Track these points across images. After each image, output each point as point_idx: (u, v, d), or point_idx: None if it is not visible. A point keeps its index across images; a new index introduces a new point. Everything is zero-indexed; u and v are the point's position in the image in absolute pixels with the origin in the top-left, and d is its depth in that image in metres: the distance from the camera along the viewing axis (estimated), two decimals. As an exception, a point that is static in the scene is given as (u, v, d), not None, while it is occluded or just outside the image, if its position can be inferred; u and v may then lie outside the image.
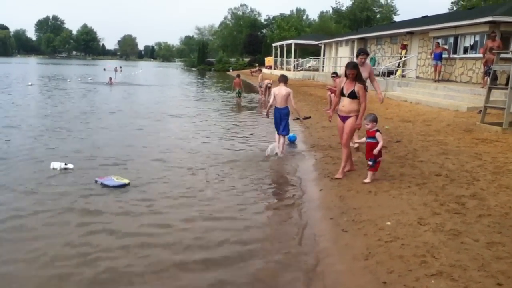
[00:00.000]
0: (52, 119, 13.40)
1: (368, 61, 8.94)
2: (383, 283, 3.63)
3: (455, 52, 20.88)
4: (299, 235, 5.01)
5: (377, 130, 6.35)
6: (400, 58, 24.79)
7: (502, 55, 13.10)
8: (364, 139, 6.53)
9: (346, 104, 6.70)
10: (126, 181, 6.75)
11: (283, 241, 4.89)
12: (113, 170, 7.48)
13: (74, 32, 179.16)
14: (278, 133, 9.02)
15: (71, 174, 7.27)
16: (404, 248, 4.15)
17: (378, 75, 23.61)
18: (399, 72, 23.67)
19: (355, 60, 8.32)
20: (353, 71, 6.55)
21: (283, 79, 9.12)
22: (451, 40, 21.24)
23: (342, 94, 6.75)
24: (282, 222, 5.50)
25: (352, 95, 6.60)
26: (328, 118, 7.51)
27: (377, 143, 6.25)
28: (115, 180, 6.75)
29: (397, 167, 7.12)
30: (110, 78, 30.92)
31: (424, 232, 4.47)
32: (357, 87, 6.56)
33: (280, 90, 8.89)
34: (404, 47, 25.20)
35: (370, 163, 6.34)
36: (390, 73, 22.99)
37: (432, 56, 20.10)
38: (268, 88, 21.02)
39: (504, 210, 4.97)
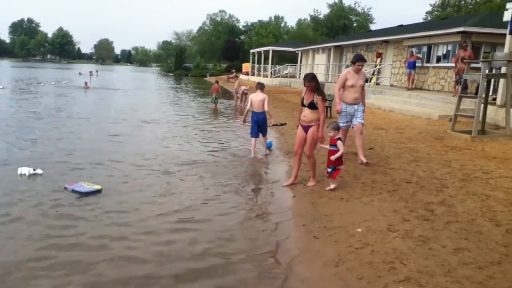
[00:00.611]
0: (21, 123, 13.11)
1: (344, 69, 9.11)
2: (352, 290, 3.67)
3: (428, 61, 21.35)
4: (270, 242, 5.01)
5: (339, 139, 6.47)
6: (375, 66, 25.18)
7: (473, 65, 13.44)
8: (327, 146, 6.60)
9: (306, 114, 6.80)
10: (98, 187, 6.64)
11: (254, 248, 4.88)
12: (84, 176, 7.37)
13: (50, 35, 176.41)
14: (253, 136, 9.58)
15: (40, 179, 7.13)
16: (373, 255, 4.20)
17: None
18: (373, 80, 24.03)
19: (351, 67, 8.18)
20: (311, 84, 6.65)
21: (260, 86, 9.81)
22: (425, 49, 21.71)
23: (302, 104, 6.85)
24: (254, 228, 5.49)
25: (312, 106, 6.70)
26: (296, 127, 7.56)
27: (338, 151, 6.37)
28: (86, 186, 6.63)
29: (369, 174, 7.21)
30: (86, 83, 30.46)
31: (393, 238, 4.54)
32: (316, 98, 6.65)
33: (257, 96, 9.57)
34: (379, 55, 25.62)
35: (329, 170, 6.44)
36: (365, 81, 23.31)
37: (406, 64, 20.51)
38: (245, 94, 21.05)
39: (471, 216, 5.08)
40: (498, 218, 5.02)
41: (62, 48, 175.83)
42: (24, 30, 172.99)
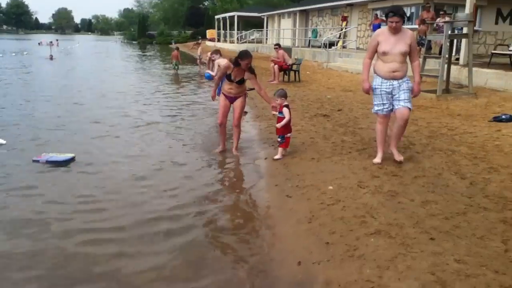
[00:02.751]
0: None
1: (310, 33, 8.55)
2: (326, 243, 3.76)
3: (393, 23, 21.43)
4: (244, 202, 5.06)
5: (286, 106, 6.30)
6: (341, 30, 25.21)
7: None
8: (277, 113, 6.44)
9: (234, 87, 6.69)
10: (70, 155, 6.45)
11: (228, 209, 4.92)
12: (52, 146, 7.19)
13: (3, 5, 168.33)
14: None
15: (4, 150, 6.91)
16: (345, 210, 4.31)
17: (320, 47, 23.98)
18: (340, 43, 24.12)
19: (382, 24, 6.83)
20: (249, 61, 6.42)
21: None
22: (389, 11, 21.75)
23: (229, 79, 6.64)
24: (228, 190, 5.51)
25: (241, 82, 6.64)
26: (212, 99, 7.22)
27: (284, 118, 6.24)
28: (58, 156, 6.41)
29: (338, 135, 7.31)
30: (51, 56, 29.01)
31: (364, 194, 4.65)
32: (248, 76, 6.54)
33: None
34: (344, 19, 25.61)
35: (279, 139, 6.34)
36: (331, 44, 23.37)
37: (371, 27, 20.57)
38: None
39: (437, 171, 5.26)
40: (463, 171, 5.23)
41: (19, 19, 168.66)
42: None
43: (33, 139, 7.66)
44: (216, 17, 53.45)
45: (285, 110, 6.24)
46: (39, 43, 52.09)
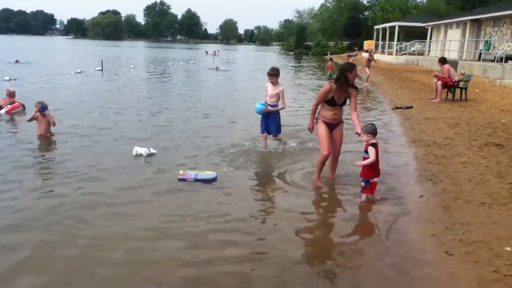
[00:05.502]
0: (143, 103, 13.55)
1: (481, 45, 7.22)
2: None
3: None
4: (393, 254, 4.13)
5: (373, 144, 5.24)
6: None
7: None
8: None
9: (338, 112, 5.90)
10: (212, 173, 6.25)
11: (373, 259, 4.05)
12: (198, 158, 7.16)
13: (179, 16, 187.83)
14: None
15: (156, 162, 7.00)
16: (530, 288, 3.23)
17: (493, 61, 21.25)
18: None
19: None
20: (355, 75, 5.73)
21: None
22: None
23: (332, 103, 5.78)
24: (372, 234, 4.69)
25: (344, 103, 5.89)
26: (310, 131, 6.21)
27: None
28: (201, 174, 6.22)
29: (517, 173, 5.95)
30: (217, 68, 30.27)
31: (558, 266, 3.49)
32: (353, 92, 5.80)
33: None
34: (527, 28, 22.40)
35: (362, 183, 5.35)
36: (508, 58, 20.50)
37: None
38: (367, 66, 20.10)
39: None
40: None
41: (190, 29, 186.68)
42: (157, 12, 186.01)
43: (181, 151, 7.72)
44: (376, 27, 51.79)
45: (370, 149, 5.25)
46: (206, 52, 56.80)
